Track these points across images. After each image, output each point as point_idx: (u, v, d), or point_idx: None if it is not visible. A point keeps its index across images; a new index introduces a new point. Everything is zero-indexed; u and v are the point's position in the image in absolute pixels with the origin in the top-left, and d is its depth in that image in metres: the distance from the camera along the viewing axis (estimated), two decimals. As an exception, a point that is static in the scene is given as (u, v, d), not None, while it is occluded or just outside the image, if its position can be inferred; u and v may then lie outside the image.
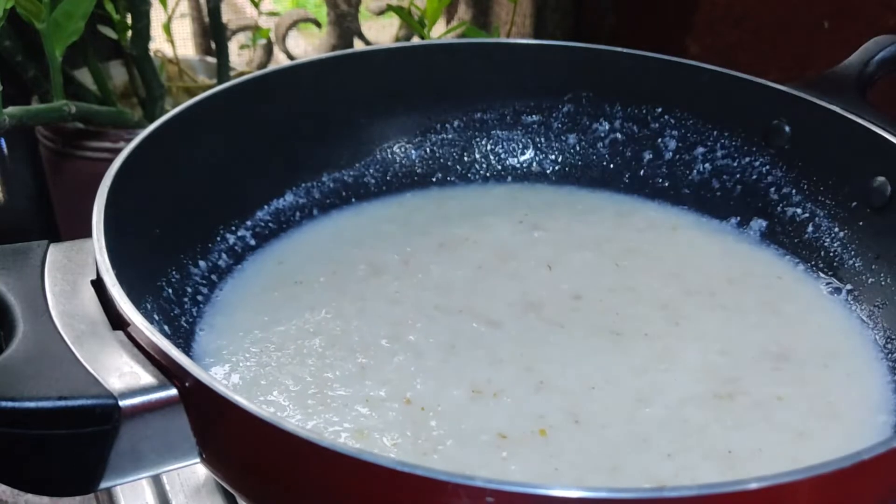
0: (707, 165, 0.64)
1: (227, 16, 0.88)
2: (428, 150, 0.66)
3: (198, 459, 0.37)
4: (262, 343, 0.50)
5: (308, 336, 0.51)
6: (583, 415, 0.46)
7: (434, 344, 0.50)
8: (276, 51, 1.02)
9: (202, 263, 0.54)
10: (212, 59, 0.89)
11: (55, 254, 0.43)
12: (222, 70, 0.84)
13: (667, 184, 0.65)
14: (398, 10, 0.80)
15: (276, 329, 0.51)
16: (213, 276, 0.55)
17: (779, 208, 0.60)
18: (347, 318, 0.52)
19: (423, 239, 0.60)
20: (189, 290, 0.52)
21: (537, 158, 0.67)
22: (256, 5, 0.92)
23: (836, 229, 0.58)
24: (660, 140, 0.65)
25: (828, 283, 0.57)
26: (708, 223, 0.63)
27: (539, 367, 0.49)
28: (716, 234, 0.62)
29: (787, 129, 0.60)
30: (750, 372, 0.50)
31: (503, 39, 0.81)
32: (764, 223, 0.61)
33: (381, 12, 1.04)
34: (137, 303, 0.39)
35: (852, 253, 0.56)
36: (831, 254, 0.57)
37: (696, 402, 0.47)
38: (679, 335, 0.52)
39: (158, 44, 0.87)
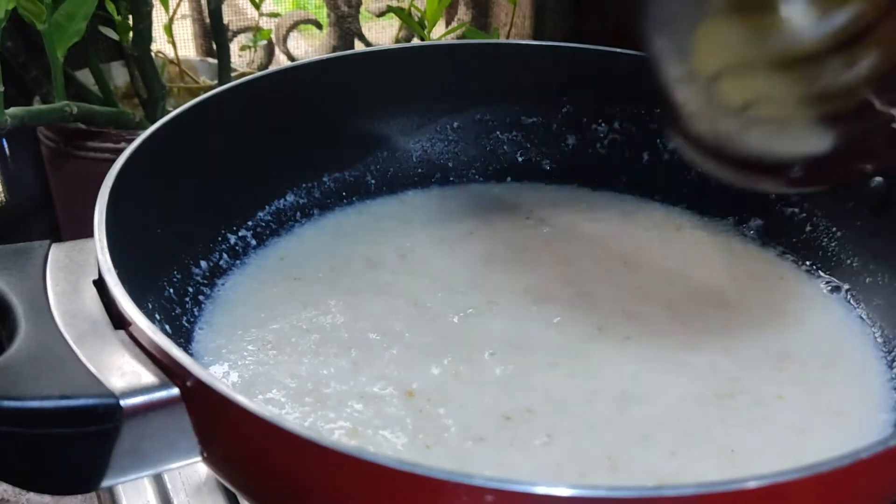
0: (707, 165, 0.64)
1: (228, 17, 0.88)
2: (428, 150, 0.66)
3: (199, 458, 0.37)
4: (261, 341, 0.50)
5: (305, 333, 0.51)
6: (584, 412, 0.46)
7: (434, 338, 0.50)
8: (277, 52, 1.02)
9: (203, 263, 0.54)
10: (213, 60, 0.89)
11: (57, 254, 0.43)
12: (223, 71, 0.84)
13: (666, 184, 0.65)
14: (398, 12, 0.81)
15: (274, 326, 0.51)
16: (215, 276, 0.55)
17: (777, 208, 0.60)
18: (345, 313, 0.52)
19: (424, 234, 0.60)
20: (190, 289, 0.52)
21: (537, 159, 0.67)
22: (257, 7, 0.92)
23: (834, 229, 0.58)
24: (659, 140, 0.65)
25: (827, 283, 0.57)
26: (708, 223, 0.63)
27: (540, 364, 0.49)
28: (716, 234, 0.62)
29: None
30: (751, 371, 0.50)
31: (503, 40, 0.82)
32: (762, 223, 0.61)
33: (381, 13, 1.04)
34: (139, 302, 0.39)
35: (850, 253, 0.56)
36: (829, 253, 0.57)
37: (698, 400, 0.47)
38: (682, 333, 0.52)
39: (160, 45, 0.87)
